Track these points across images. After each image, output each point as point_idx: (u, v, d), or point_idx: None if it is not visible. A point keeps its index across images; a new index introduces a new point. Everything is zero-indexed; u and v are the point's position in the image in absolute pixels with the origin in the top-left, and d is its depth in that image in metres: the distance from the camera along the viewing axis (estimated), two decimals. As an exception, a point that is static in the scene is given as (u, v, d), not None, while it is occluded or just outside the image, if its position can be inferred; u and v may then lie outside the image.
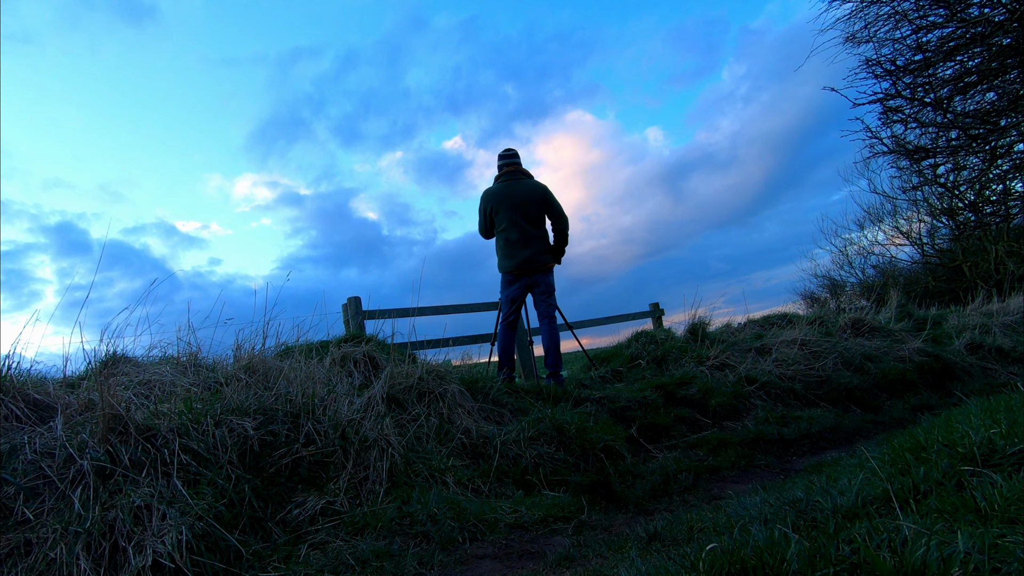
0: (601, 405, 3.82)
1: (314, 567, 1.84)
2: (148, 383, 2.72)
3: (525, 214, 4.39)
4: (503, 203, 4.39)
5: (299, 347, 3.40)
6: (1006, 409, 1.95)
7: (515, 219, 4.38)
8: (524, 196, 4.40)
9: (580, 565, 1.79)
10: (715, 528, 1.78)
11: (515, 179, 4.47)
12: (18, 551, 1.72)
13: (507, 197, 4.39)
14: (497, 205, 4.41)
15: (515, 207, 4.38)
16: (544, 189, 4.51)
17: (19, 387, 2.41)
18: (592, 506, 2.48)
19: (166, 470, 2.05)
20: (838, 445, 3.61)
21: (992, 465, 1.46)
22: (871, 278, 15.53)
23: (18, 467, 1.97)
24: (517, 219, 4.38)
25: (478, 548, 2.04)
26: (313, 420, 2.53)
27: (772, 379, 4.68)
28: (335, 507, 2.24)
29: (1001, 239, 11.44)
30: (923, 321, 7.18)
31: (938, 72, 6.89)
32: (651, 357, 5.20)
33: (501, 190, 4.43)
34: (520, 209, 4.38)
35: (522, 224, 4.38)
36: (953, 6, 6.36)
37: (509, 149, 4.63)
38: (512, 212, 4.37)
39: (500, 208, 4.41)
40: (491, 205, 4.44)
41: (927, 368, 5.46)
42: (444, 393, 3.31)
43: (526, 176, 4.55)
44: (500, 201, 4.40)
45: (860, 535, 1.17)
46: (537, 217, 4.46)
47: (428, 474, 2.59)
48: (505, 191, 4.41)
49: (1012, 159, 7.74)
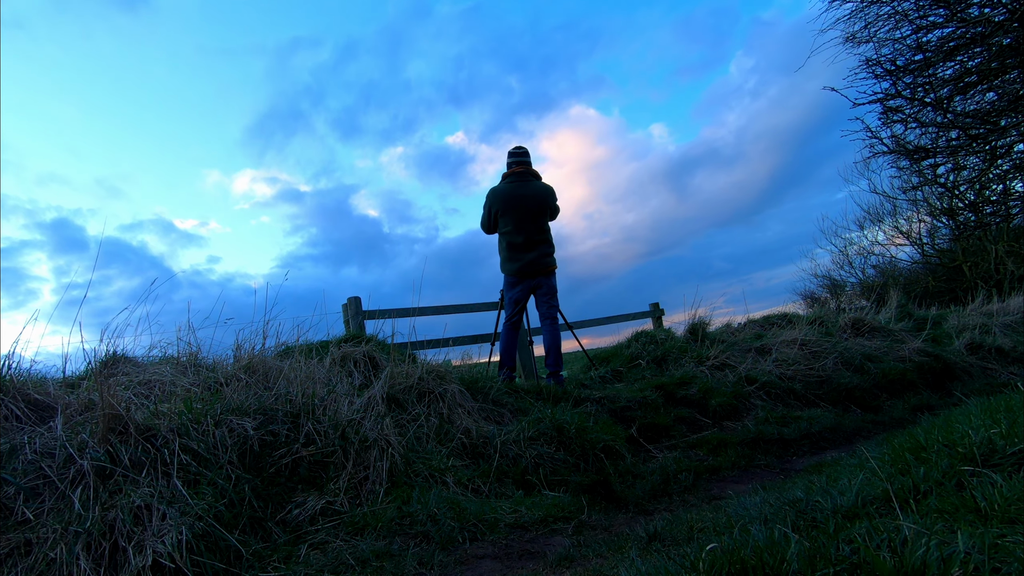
0: (601, 405, 3.82)
1: (314, 567, 1.84)
2: (148, 383, 2.72)
3: (531, 217, 4.37)
4: (510, 205, 4.37)
5: (299, 347, 3.40)
6: (1006, 409, 1.95)
7: (521, 222, 4.36)
8: (532, 200, 4.38)
9: (580, 565, 1.79)
10: (715, 528, 1.78)
11: (524, 180, 4.44)
12: (18, 551, 1.72)
13: (514, 200, 4.37)
14: (504, 207, 4.39)
15: (522, 210, 4.36)
16: (551, 191, 4.50)
17: (19, 387, 2.41)
18: (592, 506, 2.48)
19: (166, 470, 2.05)
20: (838, 445, 3.61)
21: (992, 465, 1.46)
22: (871, 278, 15.53)
23: (18, 467, 1.97)
24: (523, 222, 4.36)
25: (478, 548, 2.03)
26: (313, 420, 2.53)
27: (772, 379, 4.67)
28: (335, 507, 2.24)
29: (1001, 239, 11.45)
30: (923, 321, 7.18)
31: (938, 72, 6.89)
32: (651, 357, 5.20)
33: (509, 191, 4.40)
34: (527, 213, 4.37)
35: (528, 227, 4.37)
36: (953, 6, 6.36)
37: (519, 147, 4.59)
38: (518, 215, 4.36)
39: (506, 210, 4.38)
40: (497, 206, 4.42)
41: (927, 368, 5.46)
42: (444, 393, 3.31)
43: (535, 177, 4.52)
44: (507, 203, 4.38)
45: (860, 535, 1.17)
46: (542, 220, 4.45)
47: (428, 474, 2.59)
48: (513, 193, 4.39)
49: (1012, 159, 7.74)
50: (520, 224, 4.36)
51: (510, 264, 4.43)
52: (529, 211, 4.37)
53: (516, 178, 4.45)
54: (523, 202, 4.37)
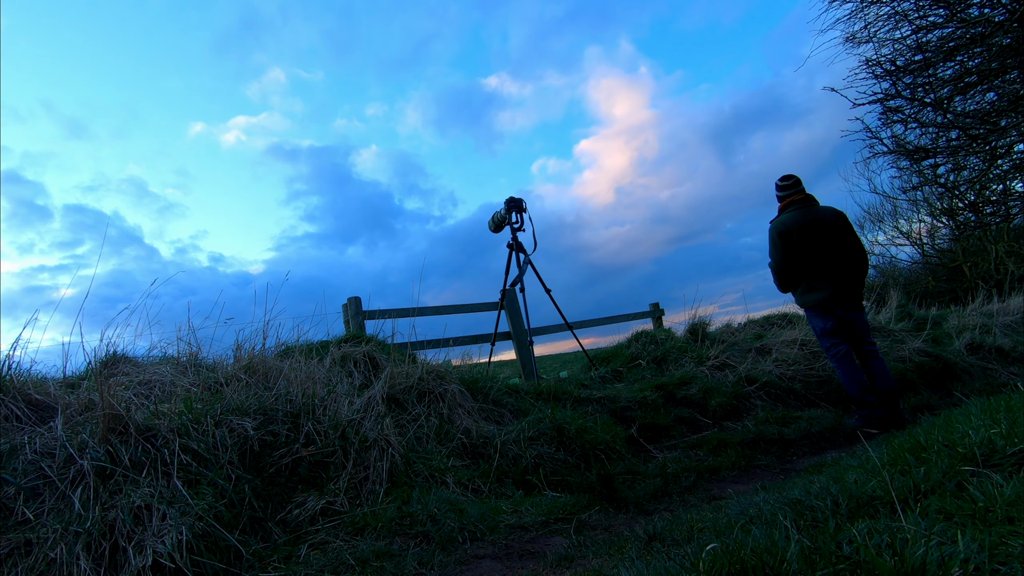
0: (601, 405, 3.82)
1: (314, 567, 1.84)
2: (148, 383, 2.72)
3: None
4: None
5: (299, 347, 3.40)
6: (1006, 409, 1.95)
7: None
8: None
9: (580, 565, 1.79)
10: (715, 528, 1.78)
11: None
12: (18, 551, 1.72)
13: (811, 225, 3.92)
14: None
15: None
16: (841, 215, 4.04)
17: (19, 387, 2.41)
18: (592, 506, 2.48)
19: (166, 470, 2.05)
20: (838, 445, 3.61)
21: (992, 465, 1.46)
22: (871, 278, 15.53)
23: (18, 467, 1.97)
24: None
25: (478, 548, 2.03)
26: (313, 420, 2.53)
27: (772, 379, 4.67)
28: (335, 507, 2.24)
29: (1001, 239, 11.45)
30: (923, 321, 7.18)
31: (938, 72, 6.88)
32: (651, 357, 5.20)
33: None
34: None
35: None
36: (953, 6, 6.36)
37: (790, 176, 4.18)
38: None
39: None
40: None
41: (927, 368, 5.45)
42: (444, 393, 3.31)
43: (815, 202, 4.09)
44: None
45: (860, 535, 1.17)
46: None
47: (428, 474, 2.59)
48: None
49: (1012, 159, 7.74)
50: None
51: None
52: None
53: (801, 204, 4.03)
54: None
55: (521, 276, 4.89)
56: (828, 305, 3.94)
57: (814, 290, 3.99)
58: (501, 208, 5.10)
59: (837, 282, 3.93)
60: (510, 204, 5.05)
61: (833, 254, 3.92)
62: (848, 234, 3.97)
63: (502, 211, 5.09)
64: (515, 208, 5.06)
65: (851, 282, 3.94)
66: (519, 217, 5.07)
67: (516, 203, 5.06)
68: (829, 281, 3.94)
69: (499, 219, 5.15)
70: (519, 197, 5.08)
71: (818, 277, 3.96)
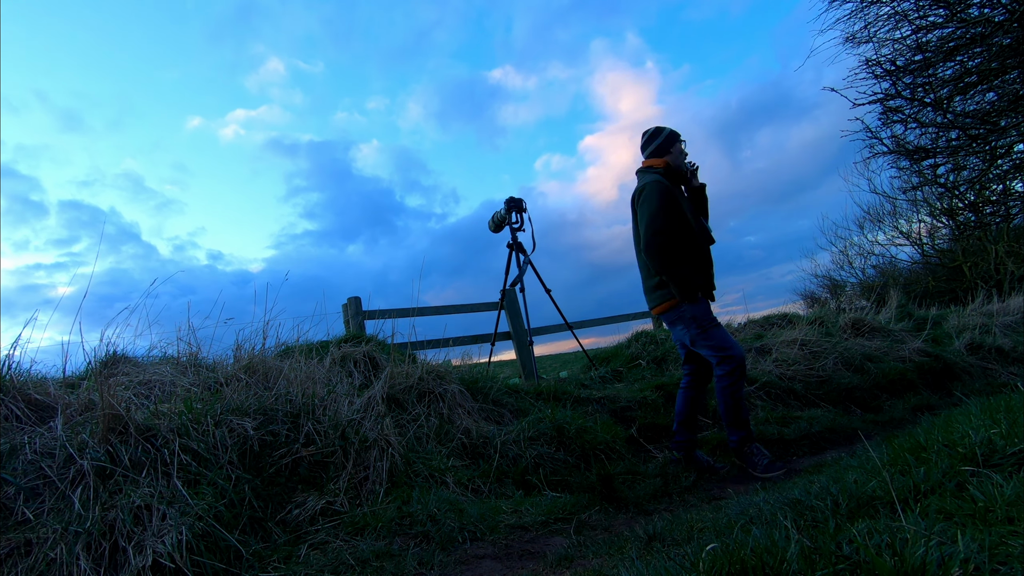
0: (601, 405, 3.83)
1: (314, 567, 1.84)
2: (148, 383, 2.72)
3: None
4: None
5: (299, 347, 3.40)
6: (1006, 409, 1.95)
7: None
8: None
9: (580, 565, 1.79)
10: (715, 528, 1.78)
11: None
12: (18, 551, 1.72)
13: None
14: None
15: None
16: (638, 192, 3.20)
17: (19, 387, 2.41)
18: (592, 506, 2.48)
19: (166, 470, 2.05)
20: (838, 445, 3.61)
21: (992, 465, 1.46)
22: (871, 278, 15.53)
23: (18, 467, 1.97)
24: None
25: (478, 548, 2.03)
26: (313, 420, 2.53)
27: (772, 379, 4.67)
28: (335, 507, 2.24)
29: (1001, 239, 11.45)
30: (923, 321, 7.18)
31: (938, 72, 6.89)
32: (651, 357, 5.21)
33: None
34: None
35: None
36: (953, 6, 6.36)
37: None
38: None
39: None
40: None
41: (927, 368, 5.45)
42: (444, 393, 3.31)
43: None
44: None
45: (860, 535, 1.17)
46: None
47: (428, 474, 2.59)
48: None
49: (1012, 159, 7.74)
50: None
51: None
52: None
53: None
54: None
55: (521, 276, 4.89)
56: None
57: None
58: (501, 208, 5.11)
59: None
60: (510, 204, 5.05)
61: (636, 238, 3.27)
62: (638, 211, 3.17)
63: (502, 211, 5.10)
64: (515, 208, 5.06)
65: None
66: (519, 217, 5.08)
67: (516, 203, 5.07)
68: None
69: (499, 219, 5.16)
70: (519, 197, 5.09)
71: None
